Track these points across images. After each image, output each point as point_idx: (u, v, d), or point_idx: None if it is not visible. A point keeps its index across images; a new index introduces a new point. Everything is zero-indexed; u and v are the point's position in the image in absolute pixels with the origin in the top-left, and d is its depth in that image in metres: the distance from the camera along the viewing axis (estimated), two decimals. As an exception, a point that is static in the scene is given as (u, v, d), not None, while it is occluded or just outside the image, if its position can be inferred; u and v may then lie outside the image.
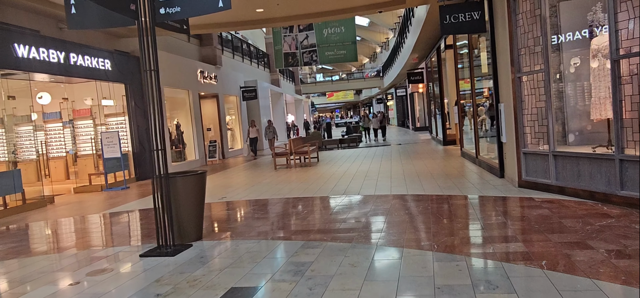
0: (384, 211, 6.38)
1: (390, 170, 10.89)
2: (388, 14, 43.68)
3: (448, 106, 16.96)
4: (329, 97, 69.55)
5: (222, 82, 20.56)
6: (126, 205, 9.23)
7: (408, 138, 23.80)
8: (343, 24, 22.15)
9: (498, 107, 8.14)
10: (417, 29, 17.16)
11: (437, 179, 8.90)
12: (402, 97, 35.95)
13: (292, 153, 13.46)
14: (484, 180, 8.28)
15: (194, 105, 17.38)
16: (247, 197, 8.82)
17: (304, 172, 12.15)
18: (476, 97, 10.49)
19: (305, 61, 22.32)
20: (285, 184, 10.11)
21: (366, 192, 8.13)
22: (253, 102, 24.30)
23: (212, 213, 7.50)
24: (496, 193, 6.99)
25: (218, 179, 12.32)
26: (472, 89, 10.39)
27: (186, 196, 5.56)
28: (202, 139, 17.90)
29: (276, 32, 22.42)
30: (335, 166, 12.82)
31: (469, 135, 12.57)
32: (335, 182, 9.71)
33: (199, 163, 17.29)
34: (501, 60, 7.77)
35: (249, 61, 27.62)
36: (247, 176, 12.33)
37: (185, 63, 16.83)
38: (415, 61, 23.82)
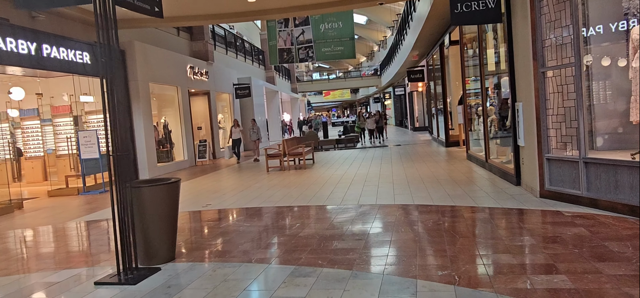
0: (388, 226, 5.50)
1: (392, 174, 10.01)
2: (386, 11, 42.84)
3: (450, 106, 16.11)
4: (326, 96, 68.66)
5: (214, 79, 19.62)
6: (100, 212, 8.31)
7: (407, 138, 22.95)
8: (341, 19, 21.25)
9: (515, 107, 7.28)
10: (418, 26, 16.29)
11: (445, 186, 8.03)
12: (401, 96, 35.11)
13: (286, 154, 12.57)
14: (498, 188, 7.41)
15: (183, 102, 16.45)
16: (234, 205, 7.92)
17: (298, 175, 11.26)
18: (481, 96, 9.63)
19: (301, 57, 21.41)
20: (277, 189, 9.22)
21: (366, 201, 7.25)
22: (247, 101, 23.37)
23: (193, 224, 6.59)
24: (516, 205, 6.12)
25: (206, 182, 11.41)
26: (482, 87, 9.52)
27: (155, 209, 4.66)
28: (192, 139, 16.96)
29: (271, 27, 21.49)
30: (332, 169, 11.94)
31: (474, 136, 11.73)
32: (332, 188, 8.82)
33: (188, 164, 16.36)
34: (519, 53, 6.90)
35: (243, 57, 26.70)
36: (237, 180, 11.42)
37: (173, 58, 15.90)
38: (415, 58, 22.96)
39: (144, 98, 13.67)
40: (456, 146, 15.41)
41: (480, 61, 9.51)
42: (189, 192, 9.90)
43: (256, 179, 11.18)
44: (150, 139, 13.89)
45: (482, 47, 9.51)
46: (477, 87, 11.54)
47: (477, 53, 10.75)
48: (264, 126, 26.39)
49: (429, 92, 21.01)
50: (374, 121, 21.59)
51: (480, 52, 9.51)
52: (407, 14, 21.33)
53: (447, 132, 15.84)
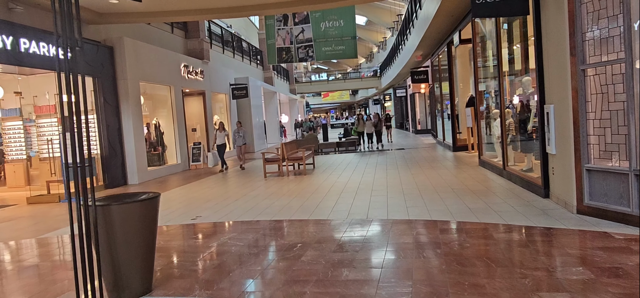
0: (407, 249, 4.67)
1: (400, 183, 9.19)
2: (386, 12, 42.12)
3: (458, 108, 15.31)
4: (324, 97, 67.90)
5: (210, 79, 18.78)
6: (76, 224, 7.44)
7: (410, 141, 22.13)
8: (342, 17, 20.46)
9: (543, 110, 6.47)
10: (424, 24, 15.50)
11: (462, 196, 7.21)
12: (402, 98, 34.31)
13: (285, 159, 11.73)
14: (524, 201, 6.59)
15: (177, 102, 15.60)
16: (228, 217, 7.07)
17: (297, 182, 10.42)
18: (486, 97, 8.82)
19: (301, 56, 20.61)
20: (276, 199, 8.38)
21: (376, 215, 6.42)
22: (244, 102, 22.53)
23: (178, 242, 5.74)
24: (552, 223, 5.30)
25: (199, 188, 10.56)
26: (501, 88, 8.71)
27: (127, 232, 3.82)
28: (185, 141, 16.11)
29: (269, 25, 20.68)
30: (334, 176, 11.11)
31: (486, 140, 10.92)
32: (336, 198, 7.99)
33: (181, 167, 15.50)
34: (551, 49, 6.09)
35: (240, 57, 25.87)
36: (232, 186, 10.58)
37: (166, 56, 15.06)
38: (418, 59, 22.16)
39: (133, 98, 12.82)
40: (464, 150, 14.60)
41: (499, 59, 8.69)
42: (179, 200, 9.06)
43: (252, 186, 10.34)
44: (140, 142, 13.05)
45: (500, 44, 8.69)
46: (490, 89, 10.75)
47: (492, 51, 9.95)
48: (261, 128, 25.57)
49: (433, 94, 20.22)
50: (372, 125, 19.51)
51: (499, 49, 8.69)
52: (410, 12, 20.53)
53: (454, 136, 15.02)
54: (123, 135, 12.62)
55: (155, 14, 12.37)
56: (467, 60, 15.51)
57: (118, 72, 12.54)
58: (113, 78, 12.43)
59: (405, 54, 23.91)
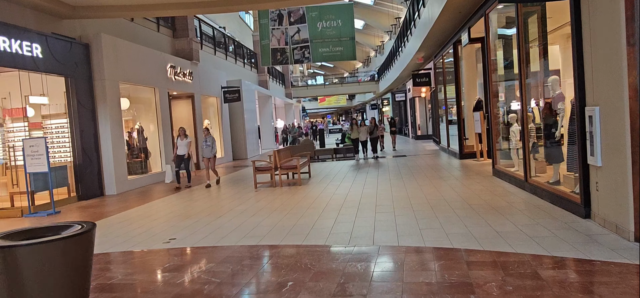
0: (430, 293, 3.57)
1: (408, 196, 8.09)
2: (384, 15, 41.23)
3: (464, 112, 14.25)
4: (321, 102, 66.89)
5: (200, 81, 17.67)
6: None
7: (411, 147, 21.07)
8: (340, 16, 19.43)
9: (584, 113, 5.40)
10: (428, 23, 14.47)
11: (484, 215, 6.12)
12: (401, 102, 33.25)
13: (278, 168, 10.61)
14: (560, 221, 5.51)
15: (162, 106, 14.47)
16: (207, 240, 5.95)
17: (292, 194, 9.31)
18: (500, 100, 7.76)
19: (296, 58, 19.54)
20: (265, 215, 7.26)
21: (385, 239, 5.32)
22: (236, 106, 21.43)
23: (135, 277, 4.61)
24: (609, 255, 4.21)
25: (181, 200, 9.43)
26: (523, 88, 7.63)
27: (44, 284, 2.70)
28: (172, 147, 14.96)
29: (263, 25, 19.61)
30: (332, 186, 10.01)
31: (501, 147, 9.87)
32: (335, 215, 6.89)
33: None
34: (597, 38, 5.04)
35: (233, 59, 24.79)
36: (217, 200, 9.46)
37: (151, 55, 13.94)
38: (420, 61, 21.13)
39: (112, 100, 11.69)
40: (472, 158, 13.54)
41: (521, 56, 7.62)
42: (156, 216, 7.93)
43: (241, 198, 9.22)
44: (119, 148, 11.91)
45: (522, 38, 7.63)
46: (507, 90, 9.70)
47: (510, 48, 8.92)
48: (255, 134, 24.46)
49: (435, 98, 19.18)
50: (367, 131, 17.09)
51: (521, 44, 7.62)
52: (412, 12, 19.52)
53: (461, 142, 13.96)
54: (100, 141, 11.48)
55: (136, 7, 11.28)
56: (474, 61, 14.49)
57: (95, 71, 11.41)
58: (89, 78, 11.29)
59: (406, 57, 22.90)
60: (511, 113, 9.21)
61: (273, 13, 19.49)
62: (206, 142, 11.93)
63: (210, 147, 11.83)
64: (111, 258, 5.41)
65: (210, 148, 11.83)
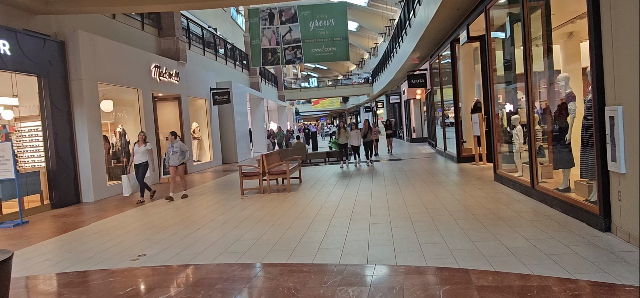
0: (436, 330, 2.94)
1: (405, 204, 7.47)
2: (378, 17, 40.74)
3: (462, 114, 13.68)
4: (315, 105, 66.30)
5: (187, 82, 16.99)
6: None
7: (406, 151, 20.49)
8: (333, 16, 18.79)
9: (604, 113, 4.81)
10: (424, 22, 13.91)
11: (490, 227, 5.51)
12: (395, 104, 32.70)
13: (266, 173, 9.95)
14: (577, 235, 4.91)
15: (146, 108, 13.78)
16: (178, 257, 5.29)
17: (280, 202, 8.66)
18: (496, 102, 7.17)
19: (288, 58, 18.87)
20: (249, 226, 6.61)
21: (381, 256, 4.69)
22: (226, 108, 20.76)
23: None
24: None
25: (160, 209, 8.75)
26: (529, 88, 7.03)
27: None
28: (157, 151, 14.27)
29: (253, 24, 18.94)
30: (324, 193, 9.37)
31: (503, 150, 9.29)
32: (325, 226, 6.25)
33: (150, 181, 13.62)
34: (620, 30, 4.45)
35: (223, 60, 24.10)
36: (200, 208, 8.78)
37: (133, 54, 13.24)
38: (415, 62, 20.59)
39: (90, 101, 11.00)
40: (470, 162, 12.96)
41: (526, 53, 7.03)
42: (131, 226, 7.25)
43: (225, 207, 8.56)
44: (98, 152, 11.21)
45: (528, 34, 7.05)
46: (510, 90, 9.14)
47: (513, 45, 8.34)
48: (246, 137, 23.78)
49: (431, 99, 18.61)
50: (360, 135, 15.21)
51: (527, 40, 7.03)
52: (407, 12, 18.98)
53: (459, 145, 13.37)
54: (76, 145, 10.77)
55: (115, 2, 10.60)
56: (471, 61, 13.94)
57: (71, 71, 10.71)
58: (64, 78, 10.59)
59: (400, 58, 22.35)
60: (514, 114, 8.64)
61: (263, 12, 18.86)
62: (173, 148, 10.38)
63: (177, 154, 10.33)
64: (66, 279, 4.74)
65: (176, 155, 10.33)
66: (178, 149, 10.32)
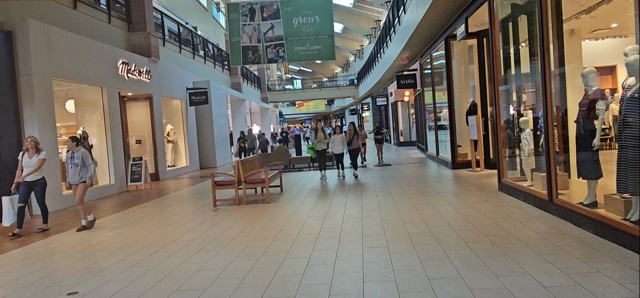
0: None
1: (402, 220, 6.38)
2: (364, 19, 39.85)
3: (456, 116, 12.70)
4: (299, 107, 65.20)
5: (160, 81, 15.70)
6: None
7: (394, 156, 19.49)
8: (318, 12, 17.71)
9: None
10: (415, 18, 12.93)
11: (514, 255, 4.45)
12: (382, 107, 31.73)
13: (242, 182, 8.77)
14: (625, 266, 3.87)
15: (111, 108, 12.47)
16: (121, 294, 4.10)
17: (256, 216, 7.50)
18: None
19: (270, 57, 17.71)
20: (213, 252, 5.44)
21: (379, 295, 3.59)
22: (204, 109, 19.49)
23: None
24: None
25: (115, 226, 7.50)
26: (547, 84, 6.02)
27: None
28: (123, 156, 12.96)
29: (233, 20, 17.74)
30: (307, 205, 8.24)
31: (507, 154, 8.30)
32: (308, 252, 5.11)
33: (115, 189, 12.33)
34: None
35: (202, 59, 22.81)
36: (162, 223, 7.56)
37: (96, 49, 11.93)
38: (404, 62, 19.62)
39: (42, 99, 9.68)
40: (466, 168, 11.99)
41: (543, 44, 6.01)
42: (74, 247, 6.01)
43: (192, 222, 7.36)
44: (52, 158, 9.87)
45: (545, 23, 6.03)
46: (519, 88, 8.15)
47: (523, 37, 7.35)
48: (226, 141, 22.49)
49: (422, 101, 17.64)
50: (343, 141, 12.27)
51: (544, 27, 6.01)
52: (396, 10, 18.00)
53: (454, 150, 12.38)
54: (24, 149, 9.42)
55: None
56: (466, 59, 13.00)
57: (19, 65, 9.39)
58: (11, 73, 9.26)
59: (388, 58, 21.39)
60: (522, 116, 7.65)
61: (244, 7, 17.67)
62: (72, 159, 7.42)
63: (77, 167, 7.40)
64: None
65: (77, 169, 7.40)
66: (79, 161, 7.43)
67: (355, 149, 12.82)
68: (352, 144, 12.73)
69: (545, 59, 6.02)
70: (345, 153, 12.42)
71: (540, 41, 6.07)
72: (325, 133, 12.55)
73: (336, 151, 12.21)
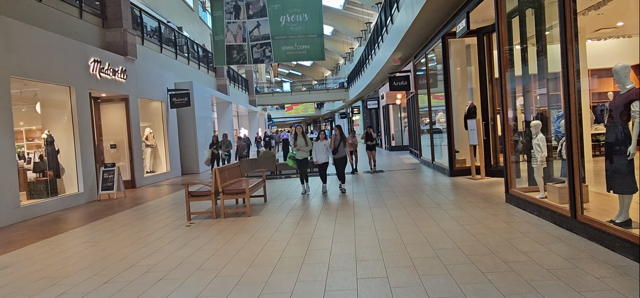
0: None
1: (402, 242, 5.49)
2: (354, 21, 39.14)
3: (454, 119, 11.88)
4: (288, 110, 64.20)
5: (138, 81, 14.68)
6: None
7: (386, 161, 18.65)
8: (306, 10, 16.83)
9: None
10: (409, 16, 12.14)
11: (548, 292, 3.58)
12: (373, 110, 30.86)
13: (220, 192, 7.81)
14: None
15: (81, 109, 11.43)
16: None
17: (234, 233, 6.56)
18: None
19: (256, 57, 16.75)
20: (177, 281, 4.49)
21: None
22: (187, 112, 18.48)
23: None
24: None
25: (68, 246, 6.50)
26: (570, 79, 5.18)
27: None
28: (93, 162, 11.92)
29: (217, 18, 16.78)
30: (292, 219, 7.32)
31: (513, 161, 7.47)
32: (290, 284, 4.19)
33: (84, 198, 11.28)
34: None
35: (186, 59, 21.78)
36: (126, 241, 6.58)
37: (63, 45, 10.90)
38: (396, 63, 18.82)
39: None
40: (465, 175, 11.17)
41: (565, 39, 5.17)
42: (16, 274, 5.01)
43: (161, 239, 6.40)
44: (9, 164, 8.84)
45: (568, 14, 5.19)
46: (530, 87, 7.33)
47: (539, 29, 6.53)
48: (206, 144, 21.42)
49: (415, 103, 16.83)
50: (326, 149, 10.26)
51: (566, 22, 5.17)
52: (388, 10, 17.20)
53: (452, 156, 11.55)
54: (-26, 155, 8.39)
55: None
56: (464, 59, 12.21)
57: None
58: (-41, 69, 8.23)
59: (380, 59, 20.59)
60: (535, 119, 6.83)
61: (228, 4, 16.73)
62: None
63: None
64: None
65: None
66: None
67: (341, 159, 10.46)
68: (338, 152, 10.44)
69: (568, 56, 5.18)
70: (330, 162, 10.41)
71: (562, 35, 5.23)
72: (307, 139, 10.51)
73: (320, 160, 10.15)
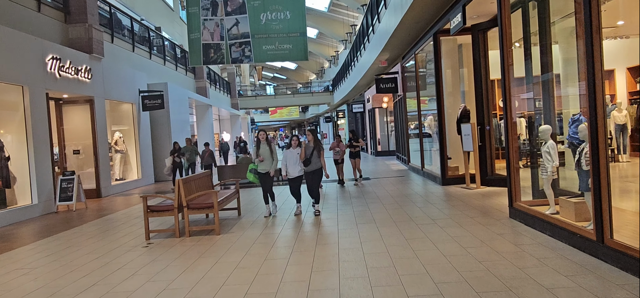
0: None
1: (397, 272, 4.56)
2: (339, 24, 38.34)
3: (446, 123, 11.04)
4: (273, 114, 63.14)
5: (105, 82, 13.53)
6: None
7: (372, 167, 17.77)
8: (288, 7, 15.88)
9: None
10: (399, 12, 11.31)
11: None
12: (358, 114, 30.01)
13: (184, 207, 6.78)
14: None
15: (36, 112, 10.28)
16: None
17: (195, 258, 5.55)
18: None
19: (234, 56, 15.72)
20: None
21: None
22: (161, 115, 17.34)
23: None
24: None
25: (13, 266, 5.43)
26: (599, 75, 4.33)
27: None
28: (51, 170, 10.76)
29: (193, 14, 15.70)
30: (267, 239, 6.35)
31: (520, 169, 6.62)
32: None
33: (38, 210, 10.11)
34: None
35: (161, 59, 20.63)
36: (64, 269, 5.51)
37: (15, 39, 9.75)
38: (383, 65, 18.03)
39: None
40: (458, 184, 10.33)
41: (591, 32, 4.31)
42: None
43: (106, 268, 5.35)
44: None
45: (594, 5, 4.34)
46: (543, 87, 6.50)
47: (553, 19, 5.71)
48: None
49: (403, 107, 15.99)
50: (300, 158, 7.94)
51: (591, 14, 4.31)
52: (375, 6, 16.37)
53: (444, 164, 10.69)
54: None
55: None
56: (456, 60, 11.39)
57: None
58: None
59: (365, 62, 19.77)
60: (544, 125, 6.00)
61: (205, 0, 15.70)
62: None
63: None
64: None
65: None
66: None
67: (314, 172, 7.96)
68: (311, 164, 7.91)
69: (594, 48, 4.32)
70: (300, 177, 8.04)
71: (588, 26, 4.37)
72: (273, 147, 8.14)
73: (292, 173, 7.94)
